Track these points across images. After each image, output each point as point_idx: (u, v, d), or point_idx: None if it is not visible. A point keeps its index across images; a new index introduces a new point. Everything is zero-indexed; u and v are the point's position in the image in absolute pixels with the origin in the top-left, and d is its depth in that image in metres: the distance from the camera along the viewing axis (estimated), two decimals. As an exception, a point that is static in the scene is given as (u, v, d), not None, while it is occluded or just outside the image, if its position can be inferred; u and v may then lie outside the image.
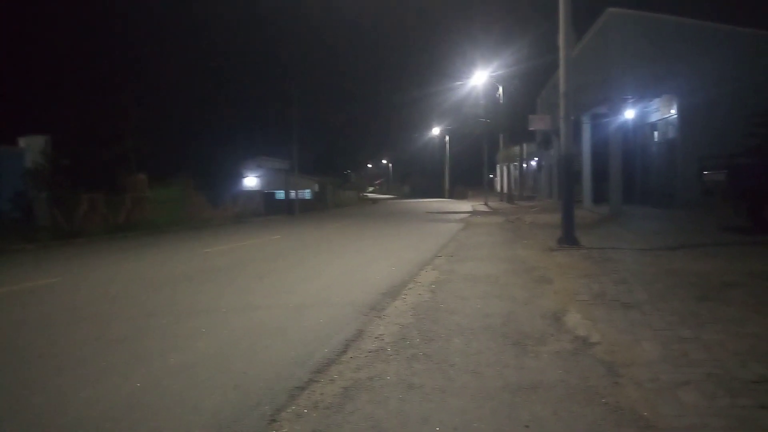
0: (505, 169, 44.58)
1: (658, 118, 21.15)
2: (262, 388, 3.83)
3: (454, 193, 63.46)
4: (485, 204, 36.21)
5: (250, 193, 35.90)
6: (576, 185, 15.37)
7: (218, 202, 28.82)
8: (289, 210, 35.00)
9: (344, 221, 24.96)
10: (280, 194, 39.85)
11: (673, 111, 19.26)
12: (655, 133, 21.87)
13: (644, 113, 22.08)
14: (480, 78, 35.87)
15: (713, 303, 5.45)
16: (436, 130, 70.32)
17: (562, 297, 6.16)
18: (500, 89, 35.86)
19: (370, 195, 79.92)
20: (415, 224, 21.47)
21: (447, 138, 65.69)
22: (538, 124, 19.68)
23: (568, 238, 10.48)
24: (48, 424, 3.40)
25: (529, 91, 37.30)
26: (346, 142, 74.59)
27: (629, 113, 20.44)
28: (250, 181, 43.05)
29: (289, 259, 11.55)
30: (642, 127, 22.82)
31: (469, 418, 3.16)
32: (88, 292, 8.12)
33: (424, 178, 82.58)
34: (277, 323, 5.77)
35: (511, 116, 34.68)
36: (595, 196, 22.19)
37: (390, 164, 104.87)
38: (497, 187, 58.14)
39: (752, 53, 18.32)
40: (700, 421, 2.96)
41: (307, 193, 45.41)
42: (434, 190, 71.47)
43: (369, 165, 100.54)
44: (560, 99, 10.92)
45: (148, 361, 4.54)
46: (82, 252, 14.26)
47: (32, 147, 20.98)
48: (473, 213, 27.87)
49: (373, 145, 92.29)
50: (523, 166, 45.77)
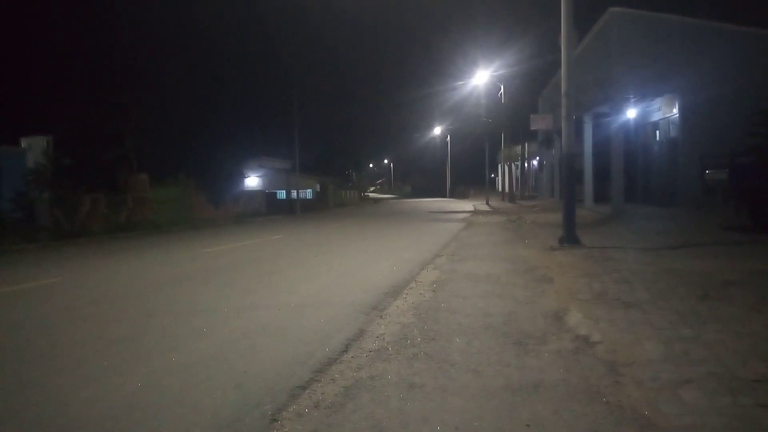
0: (506, 169, 44.57)
1: (660, 118, 21.13)
2: (263, 388, 3.83)
3: (456, 193, 63.45)
4: (486, 203, 36.23)
5: (252, 193, 35.92)
6: (577, 184, 15.39)
7: (219, 201, 28.84)
8: (291, 210, 35.04)
9: (345, 221, 24.96)
10: (282, 194, 39.93)
11: (675, 110, 19.25)
12: (657, 133, 21.85)
13: (646, 112, 22.06)
14: (481, 77, 35.91)
15: (714, 302, 5.45)
16: (437, 130, 70.42)
17: (564, 296, 6.15)
18: (502, 89, 35.87)
19: (372, 195, 79.99)
20: (416, 224, 21.46)
21: (448, 137, 65.73)
22: (539, 123, 19.69)
23: (570, 238, 10.48)
24: (48, 424, 3.40)
25: (530, 91, 37.33)
26: (348, 142, 74.71)
27: (631, 112, 20.43)
28: (252, 180, 43.07)
29: (290, 258, 11.56)
30: (643, 126, 22.80)
31: (470, 418, 3.16)
32: (88, 292, 8.12)
33: (426, 177, 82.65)
34: (278, 323, 5.77)
35: (512, 116, 34.70)
36: (597, 196, 22.20)
37: (391, 164, 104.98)
38: (498, 186, 58.12)
39: (754, 52, 18.30)
40: (700, 419, 2.96)
41: (308, 193, 45.45)
42: (435, 190, 71.49)
43: (370, 165, 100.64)
44: (562, 98, 10.91)
45: (149, 361, 4.55)
46: (83, 252, 14.28)
47: (34, 147, 21.07)
48: (474, 212, 27.86)
49: (375, 145, 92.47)
50: (525, 165, 45.76)
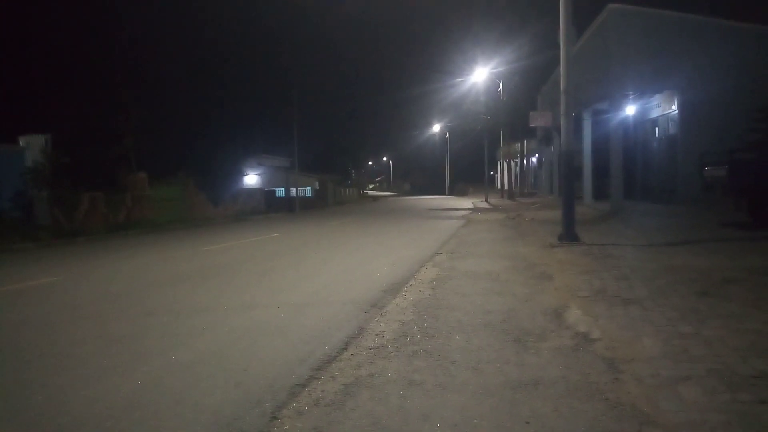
0: (505, 166, 44.54)
1: (659, 114, 21.13)
2: (263, 386, 3.83)
3: (455, 190, 63.47)
4: (486, 201, 36.25)
5: (251, 191, 35.92)
6: (576, 182, 15.36)
7: (219, 200, 28.84)
8: (290, 207, 35.05)
9: (345, 218, 24.96)
10: (281, 192, 39.94)
11: (674, 107, 19.23)
12: (656, 129, 21.85)
13: (645, 109, 22.05)
14: (480, 75, 35.88)
15: (714, 299, 5.45)
16: (436, 127, 70.40)
17: (563, 293, 6.16)
18: (501, 86, 35.83)
19: (371, 192, 79.97)
20: (416, 221, 21.46)
21: (447, 135, 65.72)
22: (538, 120, 19.65)
23: (569, 235, 10.49)
24: (48, 423, 3.40)
25: (529, 88, 37.32)
26: (347, 140, 74.72)
27: (630, 109, 20.42)
28: (251, 178, 43.07)
29: (290, 256, 11.56)
30: (643, 123, 22.79)
31: (470, 415, 3.17)
32: (88, 291, 8.13)
33: (425, 175, 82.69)
34: (278, 321, 5.77)
35: (511, 113, 34.67)
36: (596, 193, 22.21)
37: (390, 161, 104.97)
38: (498, 183, 58.11)
39: (753, 49, 18.28)
40: (700, 416, 2.96)
41: (307, 191, 45.46)
42: (435, 187, 71.54)
43: (369, 162, 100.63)
44: (561, 95, 10.91)
45: (149, 360, 4.55)
46: (83, 251, 14.28)
47: (32, 146, 21.00)
48: (474, 210, 27.87)
49: (374, 143, 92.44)
50: (524, 162, 45.75)
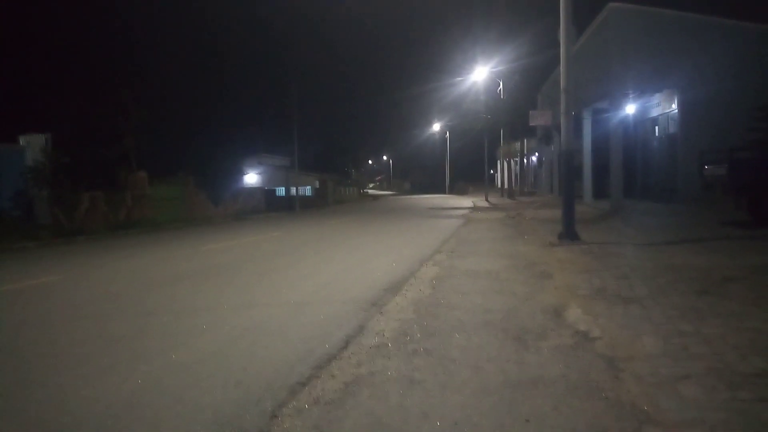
0: (505, 165, 44.52)
1: (659, 113, 21.13)
2: (263, 385, 3.83)
3: (455, 189, 63.49)
4: (486, 200, 36.23)
5: (251, 190, 35.93)
6: (576, 180, 15.38)
7: (219, 199, 28.84)
8: (290, 207, 35.05)
9: (345, 217, 24.96)
10: (281, 191, 39.96)
11: (674, 106, 19.23)
12: (656, 128, 21.85)
13: (645, 108, 22.05)
14: (480, 74, 35.84)
15: (713, 297, 5.46)
16: (436, 126, 70.37)
17: (563, 292, 6.16)
18: (501, 85, 35.80)
19: (371, 191, 80.00)
20: (416, 220, 21.46)
21: (447, 134, 65.69)
22: (538, 119, 19.62)
23: (569, 234, 10.49)
24: (49, 423, 3.41)
25: (529, 87, 37.31)
26: (347, 139, 74.86)
27: (630, 108, 20.41)
28: (251, 178, 43.07)
29: (290, 255, 11.55)
30: (643, 122, 22.80)
31: (470, 413, 3.17)
32: (88, 290, 8.13)
33: (425, 174, 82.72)
34: (278, 320, 5.77)
35: (511, 112, 34.63)
36: (596, 192, 22.21)
37: (390, 160, 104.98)
38: (498, 182, 58.11)
39: (753, 48, 18.28)
40: (700, 414, 2.96)
41: (307, 190, 45.48)
42: (435, 186, 71.56)
43: (369, 161, 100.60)
44: (561, 94, 10.90)
45: (149, 359, 4.55)
46: (83, 250, 14.28)
47: (32, 145, 21.02)
48: (474, 209, 27.86)
49: (374, 142, 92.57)
50: (524, 161, 45.72)
